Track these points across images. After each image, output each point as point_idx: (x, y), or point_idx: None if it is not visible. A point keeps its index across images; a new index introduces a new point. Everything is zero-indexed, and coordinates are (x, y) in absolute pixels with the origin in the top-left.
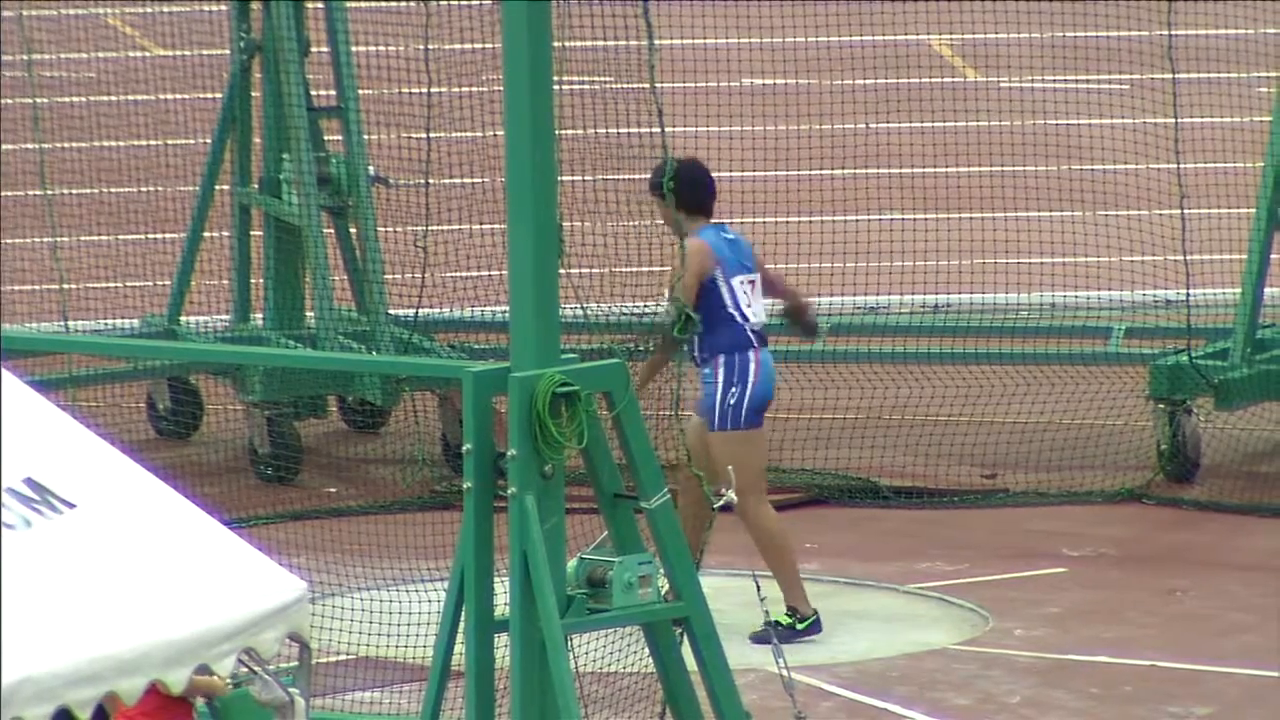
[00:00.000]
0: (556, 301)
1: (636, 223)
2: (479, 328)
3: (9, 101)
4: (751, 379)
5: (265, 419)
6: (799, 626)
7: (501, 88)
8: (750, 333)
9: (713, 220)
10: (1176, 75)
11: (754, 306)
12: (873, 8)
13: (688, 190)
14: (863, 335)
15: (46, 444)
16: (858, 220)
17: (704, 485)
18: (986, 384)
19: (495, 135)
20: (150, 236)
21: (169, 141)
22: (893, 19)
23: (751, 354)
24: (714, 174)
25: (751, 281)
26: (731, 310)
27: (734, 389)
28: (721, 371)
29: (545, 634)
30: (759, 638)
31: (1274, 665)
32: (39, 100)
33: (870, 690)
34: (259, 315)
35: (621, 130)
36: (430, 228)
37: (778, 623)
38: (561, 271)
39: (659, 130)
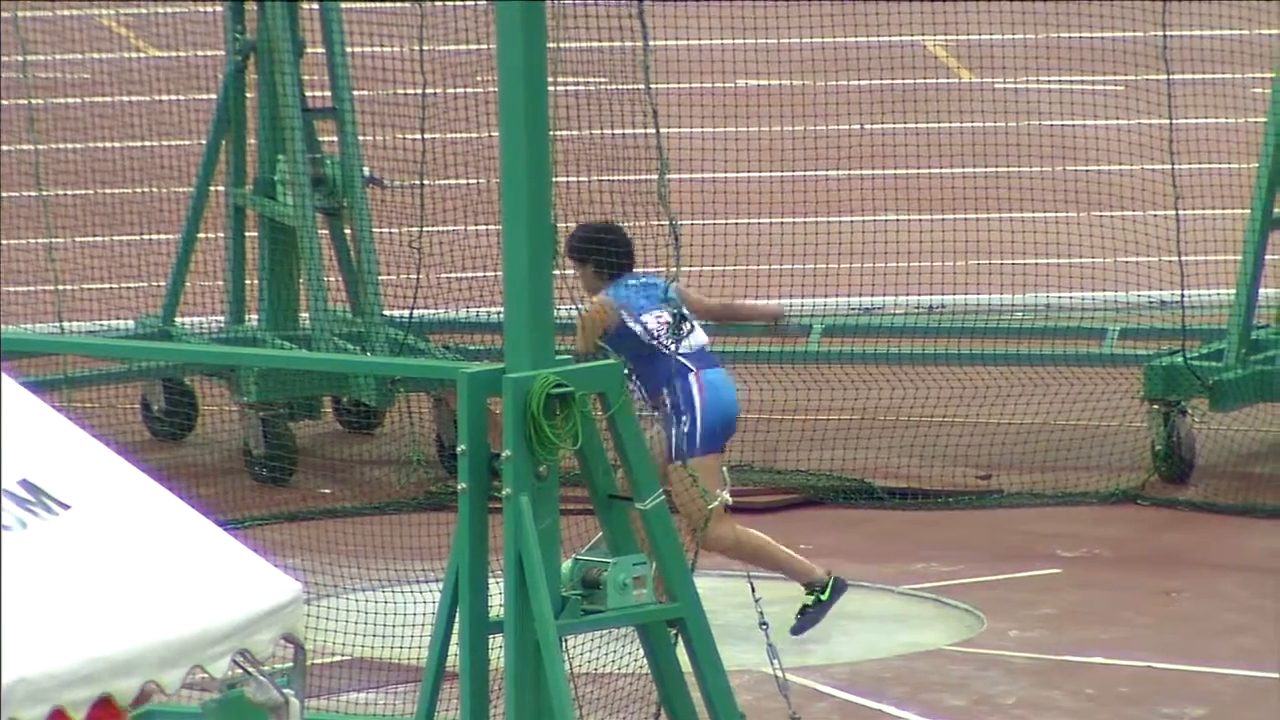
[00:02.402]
0: (551, 302)
1: (631, 223)
2: (474, 329)
3: (4, 102)
4: (697, 402)
5: (260, 420)
6: (824, 597)
7: (496, 88)
8: (680, 359)
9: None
10: (1171, 76)
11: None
12: (867, 8)
13: (615, 258)
14: (857, 336)
15: (42, 445)
16: (852, 221)
17: (700, 484)
18: (981, 385)
19: (490, 136)
20: (145, 237)
21: (164, 142)
22: (887, 20)
23: (691, 378)
24: (710, 175)
25: (668, 315)
26: (650, 344)
27: (685, 416)
28: (669, 405)
29: (540, 635)
30: (800, 627)
31: (1269, 666)
32: (34, 101)
33: (865, 691)
34: (254, 316)
35: (616, 131)
36: (425, 229)
37: (805, 607)
38: (556, 272)
39: (654, 131)
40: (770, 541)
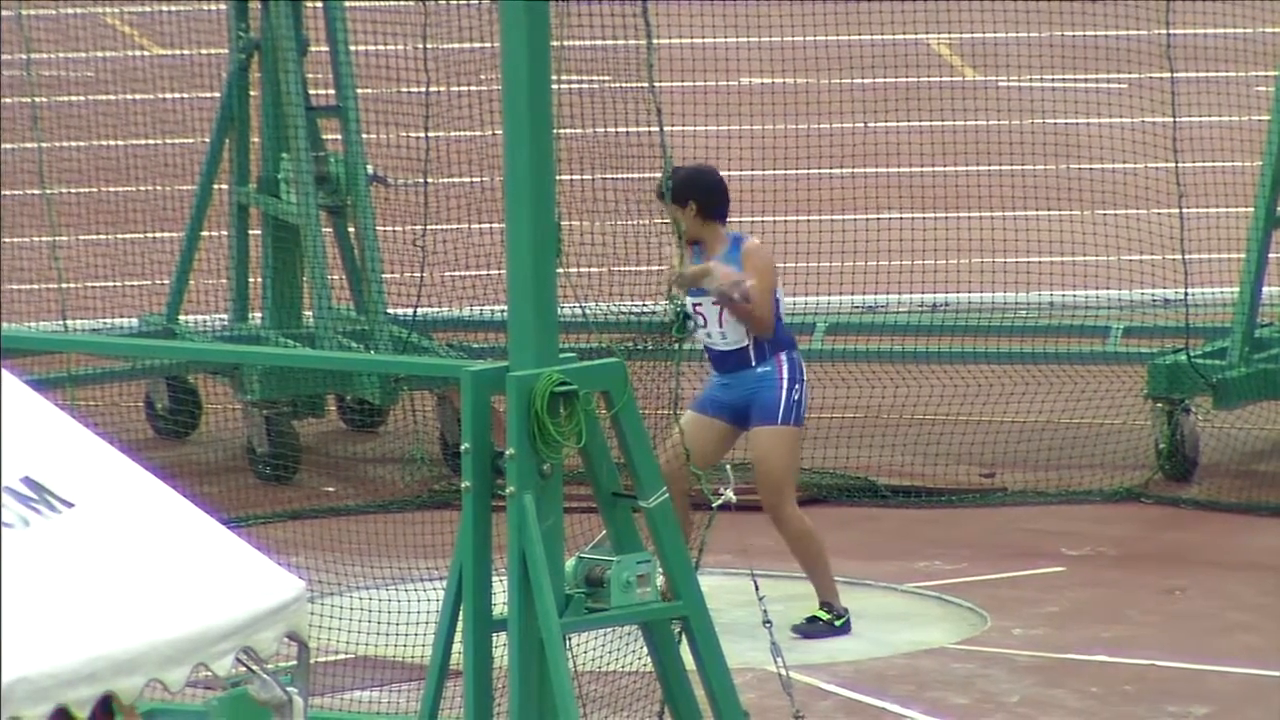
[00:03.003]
0: (555, 301)
1: (635, 222)
2: (478, 327)
3: (8, 100)
4: (805, 377)
5: (264, 418)
6: (837, 624)
7: (500, 86)
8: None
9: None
10: (1175, 74)
11: None
12: (871, 7)
13: (717, 198)
14: (861, 334)
15: (45, 443)
16: (856, 219)
17: (703, 483)
18: (985, 383)
19: (494, 134)
20: (149, 235)
21: (168, 140)
22: (891, 18)
23: (798, 355)
24: None
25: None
26: (781, 310)
27: (797, 386)
28: (785, 369)
29: (544, 633)
30: (803, 631)
31: (1273, 664)
32: (38, 99)
33: (869, 689)
34: (257, 314)
35: (620, 129)
36: (429, 227)
37: (816, 618)
38: (560, 270)
39: (658, 129)
40: (826, 549)
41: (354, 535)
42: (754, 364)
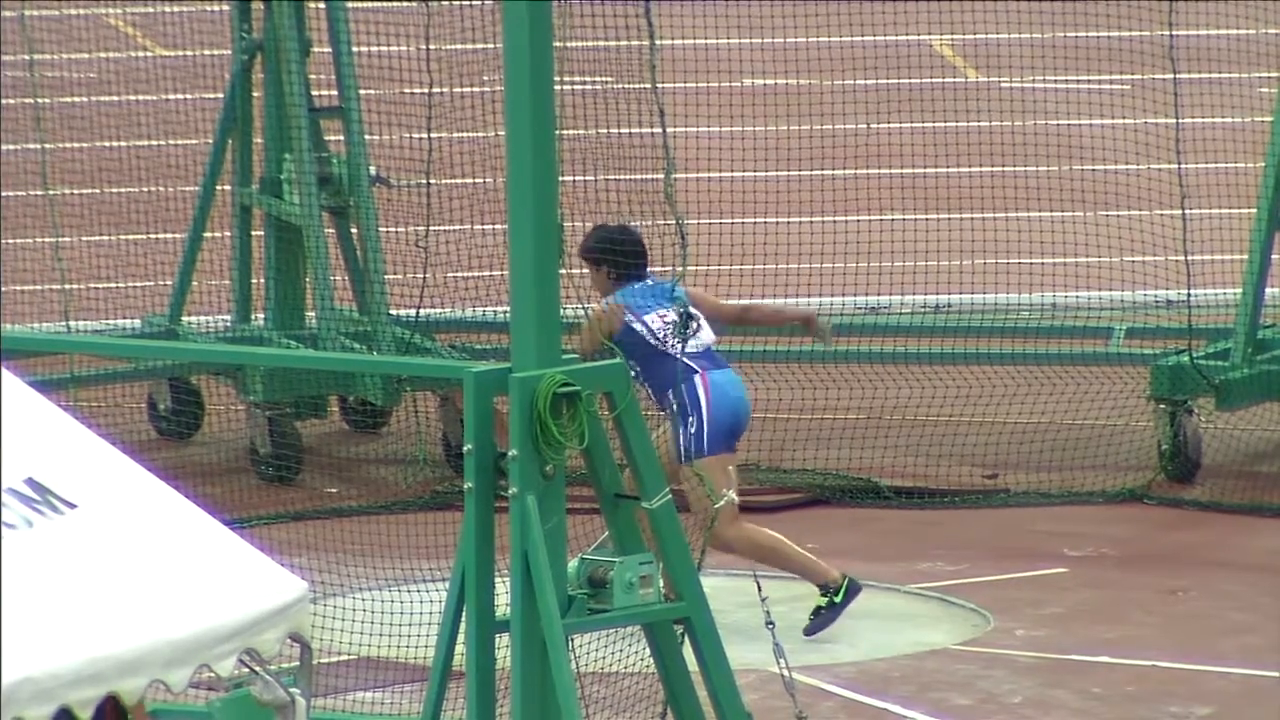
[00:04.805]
0: (558, 301)
1: (637, 223)
2: (480, 328)
3: (11, 101)
4: (704, 403)
5: (266, 419)
6: (837, 600)
7: (503, 87)
8: (686, 360)
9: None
10: (1177, 75)
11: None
12: (873, 8)
13: (631, 261)
14: (863, 335)
15: (48, 444)
16: (858, 220)
17: (707, 485)
18: (988, 384)
19: (496, 135)
20: (152, 236)
21: (171, 141)
22: (893, 19)
23: (697, 379)
24: (716, 174)
25: (673, 315)
26: (656, 345)
27: (690, 417)
28: (676, 408)
29: (546, 634)
30: (813, 629)
31: (1274, 665)
32: (41, 100)
33: (871, 690)
34: (260, 315)
35: (623, 130)
36: (431, 228)
37: (818, 607)
38: (563, 271)
39: (660, 130)
40: (784, 541)
41: (356, 536)
42: (659, 408)
